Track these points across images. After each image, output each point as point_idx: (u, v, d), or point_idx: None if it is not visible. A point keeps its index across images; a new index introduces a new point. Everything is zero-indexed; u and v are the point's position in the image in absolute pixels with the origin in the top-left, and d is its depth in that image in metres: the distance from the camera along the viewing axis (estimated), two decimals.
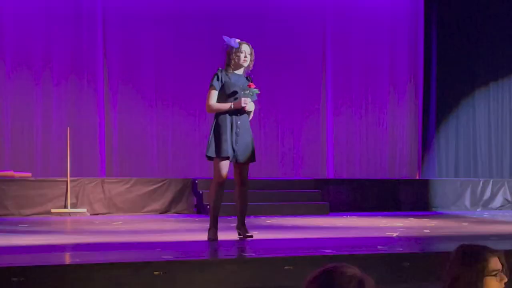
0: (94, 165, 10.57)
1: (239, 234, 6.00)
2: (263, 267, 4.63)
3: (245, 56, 6.02)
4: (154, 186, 9.54)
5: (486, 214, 10.02)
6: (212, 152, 5.86)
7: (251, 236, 5.94)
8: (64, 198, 9.22)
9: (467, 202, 10.88)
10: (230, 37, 6.12)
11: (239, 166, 5.93)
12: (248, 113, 6.00)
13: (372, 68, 12.02)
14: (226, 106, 5.87)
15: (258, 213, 9.15)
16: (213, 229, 5.89)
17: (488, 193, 10.98)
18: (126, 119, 10.78)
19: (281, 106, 11.46)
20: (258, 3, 11.42)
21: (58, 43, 10.51)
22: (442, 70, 12.25)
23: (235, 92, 5.91)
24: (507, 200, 11.01)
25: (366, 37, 11.96)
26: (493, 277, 2.66)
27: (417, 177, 12.24)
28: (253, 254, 4.82)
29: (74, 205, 9.24)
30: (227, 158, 5.84)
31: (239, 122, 5.90)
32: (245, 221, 6.04)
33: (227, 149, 5.82)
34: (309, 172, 11.46)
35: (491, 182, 11.06)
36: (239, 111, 5.90)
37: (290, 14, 11.49)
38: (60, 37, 10.51)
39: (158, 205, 9.51)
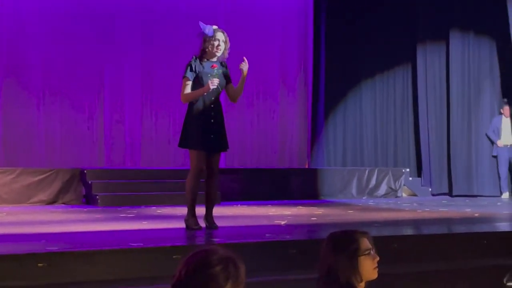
0: None
1: (207, 225, 5.93)
2: (151, 257, 4.61)
3: (219, 45, 5.96)
4: (41, 176, 9.28)
5: (371, 202, 10.38)
6: (189, 144, 5.81)
7: (216, 228, 5.89)
8: None
9: (353, 190, 11.23)
10: (206, 24, 6.00)
11: (212, 155, 5.88)
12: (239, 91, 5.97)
13: (263, 59, 12.17)
14: (199, 91, 5.82)
15: (149, 203, 9.10)
16: (192, 219, 5.86)
17: (373, 182, 11.37)
18: (11, 110, 10.47)
19: (174, 98, 11.39)
20: (151, 3, 11.36)
21: None
22: (331, 62, 12.57)
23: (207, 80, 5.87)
24: (391, 188, 11.44)
25: (258, 29, 12.12)
26: (367, 256, 2.79)
27: (307, 166, 12.52)
28: (141, 244, 4.78)
29: None
30: (204, 148, 5.79)
31: (213, 113, 5.85)
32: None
33: (201, 141, 5.77)
34: None
35: (376, 171, 11.45)
36: (214, 100, 5.86)
37: (182, 8, 11.47)
38: None
39: (45, 195, 9.25)
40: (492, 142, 11.34)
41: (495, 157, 11.33)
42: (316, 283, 2.81)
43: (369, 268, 2.78)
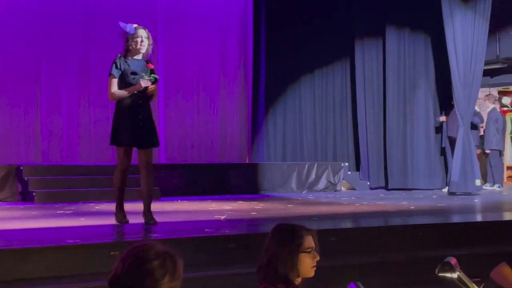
0: None
1: (145, 221, 5.94)
2: (89, 254, 4.57)
3: (142, 41, 5.98)
4: None
5: (310, 196, 10.48)
6: (115, 141, 5.87)
7: (155, 223, 5.89)
8: None
9: (293, 185, 11.31)
10: (126, 23, 5.96)
11: (142, 151, 5.92)
12: (150, 97, 5.97)
13: (203, 54, 12.16)
14: (128, 90, 5.84)
15: (87, 199, 8.98)
16: (120, 213, 5.98)
17: (313, 176, 11.48)
18: None
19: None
20: (90, 1, 11.22)
21: None
22: (271, 58, 12.64)
23: (134, 77, 5.87)
24: (330, 182, 11.57)
25: (198, 25, 12.08)
26: (308, 254, 2.82)
27: (247, 161, 12.56)
28: (78, 240, 4.73)
29: None
30: (129, 145, 5.85)
31: (140, 109, 5.88)
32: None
33: (129, 137, 5.82)
34: None
35: (315, 165, 11.57)
36: (141, 96, 5.87)
37: (120, 6, 11.37)
38: None
39: None
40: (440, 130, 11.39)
41: (444, 148, 11.47)
42: (257, 272, 2.84)
43: (307, 265, 2.82)
